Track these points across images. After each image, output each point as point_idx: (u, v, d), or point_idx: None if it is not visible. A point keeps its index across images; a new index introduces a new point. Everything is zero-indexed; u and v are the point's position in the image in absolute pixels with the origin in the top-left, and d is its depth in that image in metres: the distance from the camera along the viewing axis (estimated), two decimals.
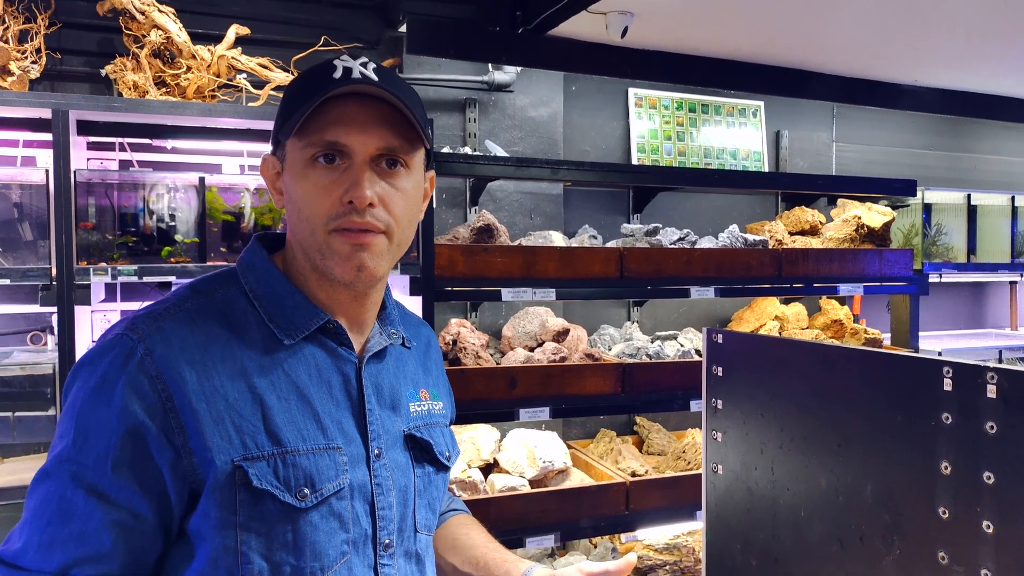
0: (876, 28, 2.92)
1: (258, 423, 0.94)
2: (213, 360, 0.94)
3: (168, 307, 0.97)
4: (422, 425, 1.12)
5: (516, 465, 2.73)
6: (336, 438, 0.99)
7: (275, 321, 1.00)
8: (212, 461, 0.90)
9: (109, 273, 2.27)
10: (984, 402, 0.92)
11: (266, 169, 1.05)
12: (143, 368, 0.90)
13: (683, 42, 3.10)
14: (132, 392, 0.89)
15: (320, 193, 0.97)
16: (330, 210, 0.96)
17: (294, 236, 1.02)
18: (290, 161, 0.99)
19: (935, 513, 0.98)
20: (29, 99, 2.19)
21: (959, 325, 4.66)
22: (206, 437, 0.90)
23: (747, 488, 1.31)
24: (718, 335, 1.38)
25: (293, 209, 1.00)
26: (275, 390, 0.96)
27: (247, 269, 1.04)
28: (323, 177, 0.97)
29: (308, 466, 0.95)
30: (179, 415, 0.90)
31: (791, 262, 3.06)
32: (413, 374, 1.16)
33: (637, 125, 3.54)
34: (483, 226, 2.71)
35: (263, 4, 2.87)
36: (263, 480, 0.92)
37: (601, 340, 3.22)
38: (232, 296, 1.01)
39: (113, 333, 0.94)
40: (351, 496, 0.99)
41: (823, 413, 1.15)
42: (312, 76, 0.99)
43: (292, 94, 1.01)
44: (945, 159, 4.39)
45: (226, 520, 0.91)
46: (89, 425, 0.89)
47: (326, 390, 1.01)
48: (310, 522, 0.95)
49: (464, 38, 2.86)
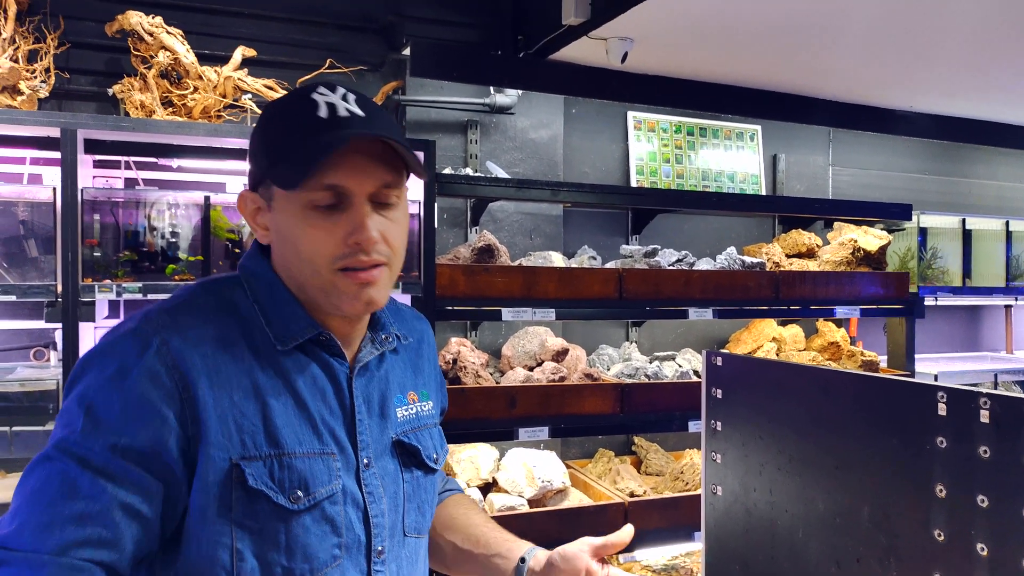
0: (873, 55, 2.97)
1: (258, 423, 0.96)
2: (224, 357, 0.96)
3: (181, 302, 0.99)
4: (410, 429, 1.14)
5: (515, 484, 2.74)
6: (330, 445, 1.01)
7: (272, 326, 1.01)
8: (212, 456, 0.92)
9: (114, 290, 2.29)
10: (978, 427, 0.94)
11: (244, 205, 1.04)
12: (160, 358, 0.91)
13: (682, 67, 3.15)
14: (149, 380, 0.90)
15: (322, 236, 0.97)
16: (334, 251, 0.97)
17: (288, 272, 1.03)
18: (283, 203, 0.98)
19: (930, 536, 1.00)
20: (38, 118, 2.22)
21: (955, 348, 4.69)
22: (212, 431, 0.92)
23: (746, 509, 1.32)
24: (718, 357, 1.40)
25: (289, 250, 1.00)
26: (275, 392, 0.98)
27: (250, 276, 1.05)
28: (323, 220, 0.97)
29: (303, 469, 0.97)
30: (192, 405, 0.92)
31: (788, 284, 3.09)
32: (401, 377, 1.17)
33: (636, 148, 3.59)
34: (484, 246, 2.74)
35: (269, 26, 2.91)
36: (258, 480, 0.94)
37: (600, 360, 3.23)
38: (238, 298, 1.02)
39: (125, 328, 0.95)
40: (344, 502, 1.01)
41: (821, 436, 1.17)
42: (295, 116, 0.97)
43: (277, 136, 0.98)
44: (941, 184, 4.44)
45: (221, 516, 0.93)
46: (101, 412, 0.89)
47: (321, 397, 1.03)
48: (302, 524, 0.96)
49: (467, 62, 2.90)
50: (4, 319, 2.69)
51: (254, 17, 2.90)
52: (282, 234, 1.00)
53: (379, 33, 3.09)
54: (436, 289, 2.55)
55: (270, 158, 0.98)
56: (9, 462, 2.44)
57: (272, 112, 1.03)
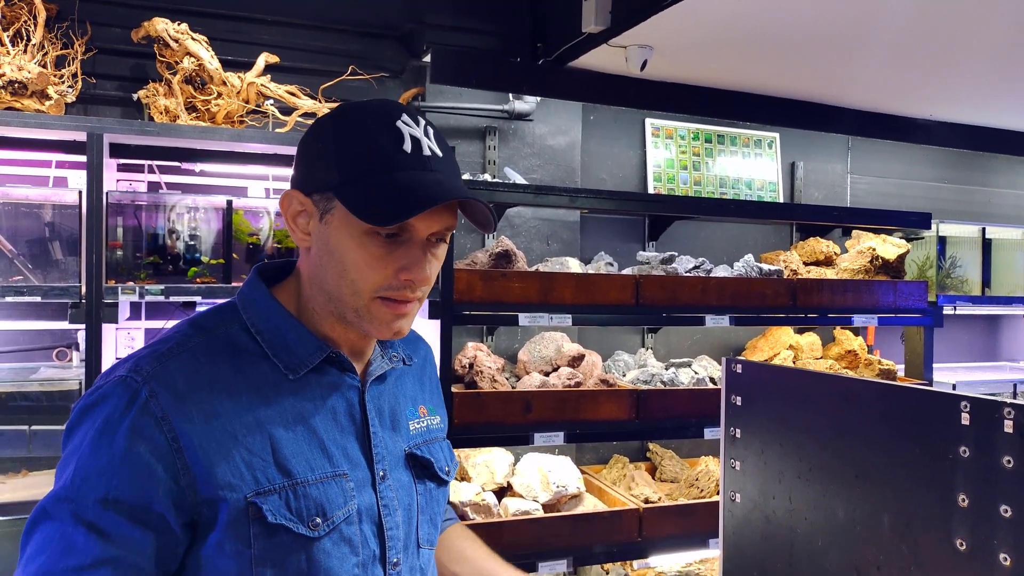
0: (894, 64, 2.96)
1: (267, 456, 0.95)
2: (219, 398, 0.95)
3: (171, 347, 0.97)
4: (422, 442, 1.15)
5: (530, 489, 2.75)
6: (342, 464, 1.01)
7: (279, 356, 1.01)
8: (225, 499, 0.92)
9: (136, 292, 2.32)
10: (1001, 436, 0.94)
11: (289, 205, 1.02)
12: (148, 410, 0.91)
13: (701, 75, 3.16)
14: (137, 435, 0.90)
15: (375, 264, 0.97)
16: (383, 281, 0.97)
17: (321, 285, 1.01)
18: (343, 221, 0.97)
19: (952, 545, 1.00)
20: (66, 122, 2.26)
21: (973, 357, 4.65)
22: (217, 475, 0.92)
23: (765, 517, 1.32)
24: (737, 365, 1.40)
25: (334, 265, 0.98)
26: (281, 422, 0.98)
27: (248, 304, 1.04)
28: (380, 249, 0.96)
29: (318, 496, 0.97)
30: (186, 455, 0.91)
31: (806, 292, 3.08)
32: (412, 391, 1.18)
33: (654, 154, 3.59)
34: (501, 252, 2.75)
35: (292, 33, 2.95)
36: (277, 515, 0.94)
37: (616, 366, 3.24)
38: (234, 333, 1.01)
39: (116, 375, 0.94)
40: (359, 520, 1.01)
41: (841, 444, 1.17)
42: (378, 141, 0.96)
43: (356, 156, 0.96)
44: (960, 192, 4.41)
45: (241, 553, 0.93)
46: (90, 466, 0.89)
47: (331, 417, 1.03)
48: (323, 549, 0.97)
49: (486, 69, 2.92)
50: (28, 319, 2.73)
51: (277, 24, 2.94)
52: (330, 249, 0.98)
53: (400, 40, 3.12)
54: (454, 294, 2.56)
55: (343, 175, 0.96)
56: (29, 460, 2.47)
57: (349, 124, 0.99)
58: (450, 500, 2.58)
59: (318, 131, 1.01)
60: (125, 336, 2.72)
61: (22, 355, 2.75)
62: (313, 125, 1.03)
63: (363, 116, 0.99)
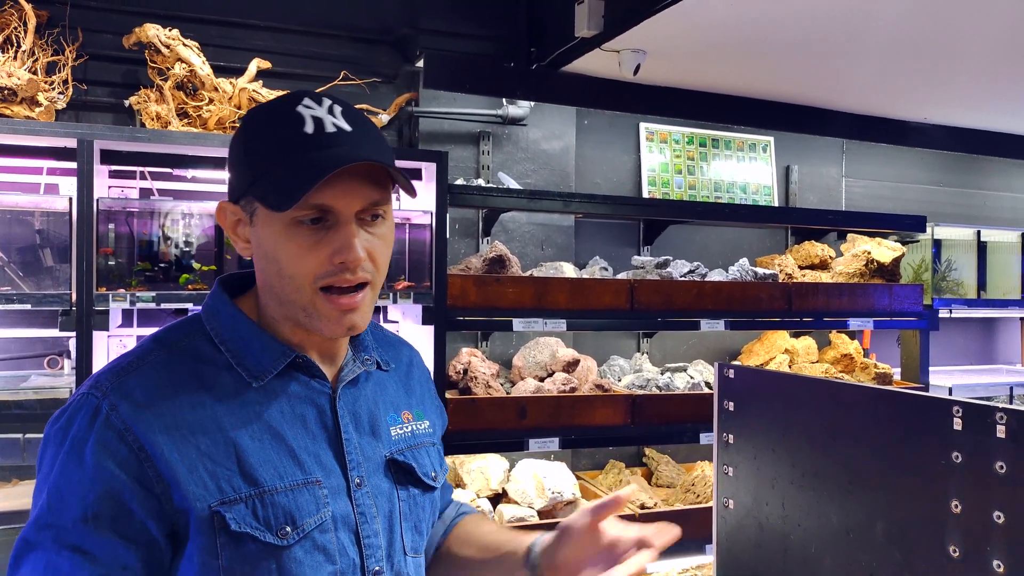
0: (888, 67, 2.96)
1: (232, 466, 0.94)
2: (181, 410, 0.94)
3: (131, 361, 0.97)
4: (405, 448, 1.12)
5: (525, 495, 2.73)
6: (314, 471, 1.00)
7: (243, 365, 1.00)
8: (191, 508, 0.91)
9: (128, 299, 2.31)
10: (994, 442, 0.93)
11: (224, 217, 1.01)
12: (110, 424, 0.90)
13: (694, 79, 3.15)
14: (102, 449, 0.89)
15: (306, 253, 0.95)
16: (317, 269, 0.95)
17: (270, 289, 1.01)
18: (266, 218, 0.96)
19: (946, 552, 0.99)
20: (56, 129, 2.25)
21: (969, 361, 4.65)
22: (182, 485, 0.91)
23: (758, 523, 1.31)
24: (730, 370, 1.39)
25: (271, 266, 0.98)
26: (248, 432, 0.97)
27: (211, 315, 1.04)
28: (308, 237, 0.95)
29: (287, 503, 0.96)
30: (155, 463, 0.90)
31: (801, 296, 3.08)
32: (394, 397, 1.16)
33: (648, 159, 3.59)
34: (495, 257, 2.74)
35: (284, 39, 2.94)
36: (241, 523, 0.93)
37: (611, 371, 3.23)
38: (198, 344, 1.00)
39: (79, 394, 0.94)
40: (335, 528, 1.00)
41: (834, 450, 1.16)
42: (280, 131, 0.96)
43: (262, 151, 0.96)
44: (955, 195, 4.41)
45: (208, 564, 0.92)
46: (63, 488, 0.89)
47: (300, 424, 1.01)
48: (294, 558, 0.95)
49: (480, 73, 2.92)
50: (19, 327, 2.71)
51: (269, 30, 2.93)
52: (264, 250, 0.98)
53: (393, 45, 3.11)
54: (447, 299, 2.55)
55: (254, 173, 0.96)
56: (22, 469, 2.45)
57: (254, 123, 0.99)
58: None
59: (234, 139, 1.01)
60: (117, 343, 2.70)
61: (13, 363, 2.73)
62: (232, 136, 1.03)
63: (264, 112, 0.99)
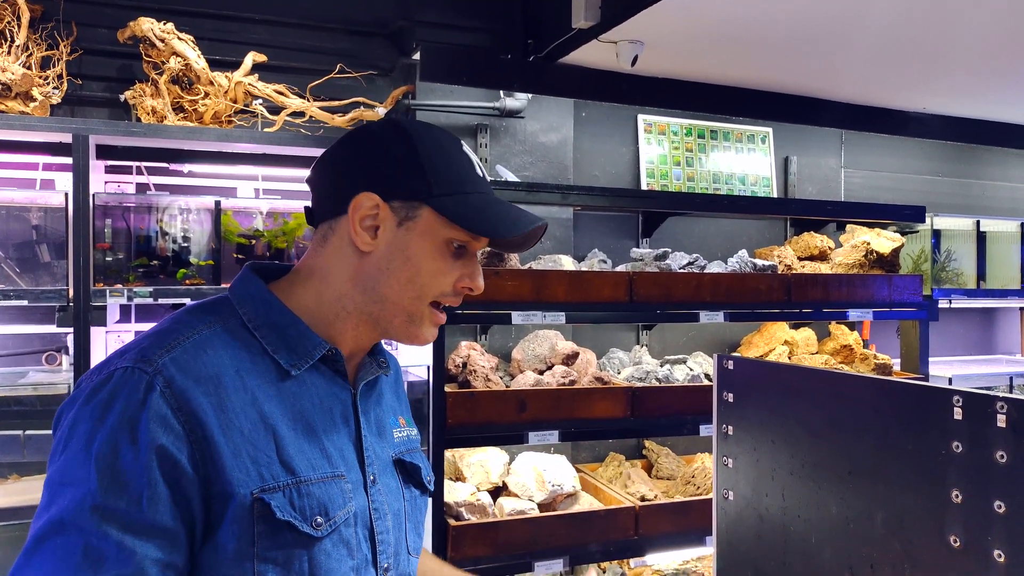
0: (886, 57, 2.95)
1: (272, 454, 0.94)
2: (226, 391, 0.93)
3: (177, 337, 0.95)
4: (405, 451, 1.15)
5: (525, 488, 2.73)
6: (339, 465, 1.00)
7: (279, 352, 1.00)
8: (232, 494, 0.90)
9: (125, 295, 2.30)
10: (994, 431, 0.93)
11: (362, 208, 1.02)
12: (165, 399, 0.88)
13: (692, 70, 3.14)
14: (158, 426, 0.87)
15: (446, 273, 1.04)
16: (446, 288, 1.05)
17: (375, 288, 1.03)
18: (425, 230, 1.02)
19: (946, 542, 0.98)
20: (51, 124, 2.23)
21: (969, 351, 4.65)
22: (227, 469, 0.90)
23: (758, 515, 1.31)
24: (728, 361, 1.39)
25: (403, 269, 1.02)
26: (284, 419, 0.97)
27: (244, 300, 1.03)
28: (450, 259, 1.04)
29: (320, 495, 0.96)
30: (203, 445, 0.89)
31: (800, 287, 3.07)
32: (391, 402, 1.19)
33: (646, 151, 3.57)
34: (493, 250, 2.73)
35: (280, 32, 2.93)
36: (284, 511, 0.92)
37: (610, 363, 3.22)
38: (233, 327, 1.00)
39: (119, 367, 0.90)
40: (355, 523, 1.01)
41: (833, 440, 1.16)
42: (459, 158, 1.05)
43: (449, 170, 1.03)
44: (954, 185, 4.40)
45: (243, 552, 0.90)
46: (116, 466, 0.85)
47: (329, 418, 1.02)
48: (324, 550, 0.96)
49: (477, 66, 2.90)
50: (17, 323, 2.71)
51: (265, 23, 2.91)
52: (406, 254, 1.02)
53: (389, 38, 3.10)
54: None
55: (438, 188, 1.02)
56: (22, 466, 2.45)
57: (429, 141, 1.04)
58: (445, 500, 2.56)
59: (391, 138, 1.03)
60: (115, 339, 2.70)
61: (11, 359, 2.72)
62: (375, 132, 1.05)
63: (439, 133, 1.07)
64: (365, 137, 1.04)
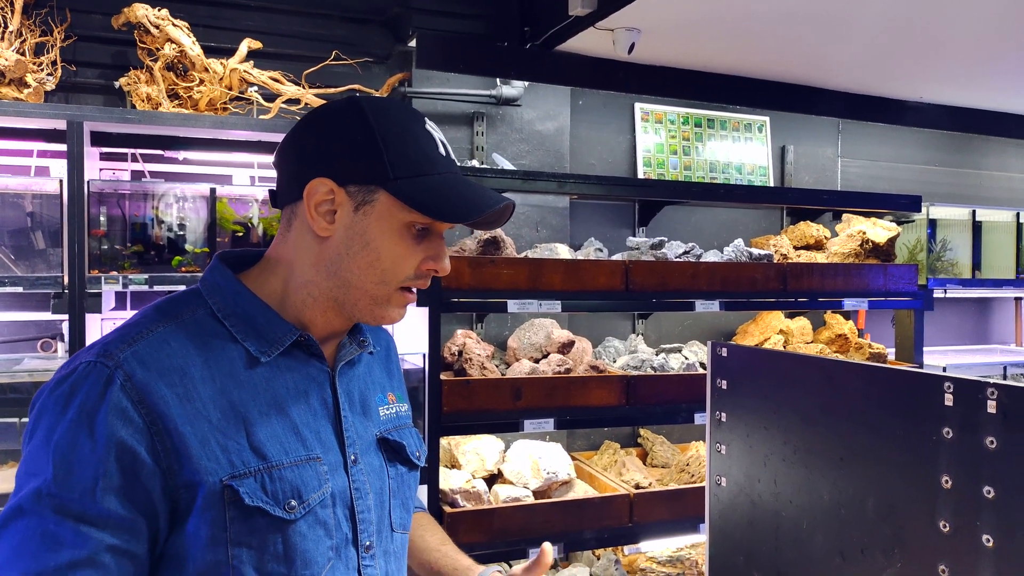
0: (883, 46, 2.94)
1: (242, 440, 0.95)
2: (192, 382, 0.94)
3: (140, 331, 0.96)
4: (392, 428, 1.16)
5: (520, 476, 2.74)
6: (315, 448, 1.02)
7: (249, 340, 1.01)
8: (201, 482, 0.91)
9: (120, 282, 2.30)
10: (984, 417, 0.94)
11: (317, 194, 1.00)
12: (125, 393, 0.90)
13: (689, 58, 3.13)
14: (116, 418, 0.88)
15: (408, 257, 1.02)
16: (410, 271, 1.03)
17: (338, 273, 1.02)
18: (382, 214, 1.00)
19: (936, 527, 0.99)
20: (45, 110, 2.22)
21: (964, 341, 4.66)
22: (193, 459, 0.91)
23: (750, 501, 1.32)
24: (723, 349, 1.39)
25: (364, 255, 1.01)
26: (255, 406, 0.98)
27: (213, 290, 1.04)
28: (413, 242, 1.02)
29: (293, 479, 0.97)
30: (164, 437, 0.90)
31: (796, 276, 3.07)
32: (380, 378, 1.19)
33: (643, 139, 3.57)
34: (490, 238, 2.73)
35: (275, 19, 2.91)
36: (254, 497, 0.93)
37: (606, 352, 3.23)
38: (200, 317, 1.00)
39: (82, 361, 0.92)
40: (333, 504, 1.02)
41: (825, 426, 1.17)
42: (420, 141, 1.01)
43: (405, 153, 1.00)
44: (950, 175, 4.41)
45: (217, 537, 0.92)
46: (71, 457, 0.87)
47: (303, 401, 1.03)
48: (299, 532, 0.97)
49: (473, 53, 2.89)
50: (12, 310, 2.71)
51: (260, 10, 2.90)
52: (365, 239, 1.00)
53: (385, 25, 3.08)
54: (442, 281, 2.54)
55: (394, 171, 0.99)
56: (18, 453, 2.45)
57: (388, 122, 1.01)
58: (440, 487, 2.57)
59: (348, 120, 1.01)
60: (110, 326, 2.70)
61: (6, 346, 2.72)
62: (333, 113, 1.02)
63: (399, 113, 1.03)
64: (323, 118, 1.03)
